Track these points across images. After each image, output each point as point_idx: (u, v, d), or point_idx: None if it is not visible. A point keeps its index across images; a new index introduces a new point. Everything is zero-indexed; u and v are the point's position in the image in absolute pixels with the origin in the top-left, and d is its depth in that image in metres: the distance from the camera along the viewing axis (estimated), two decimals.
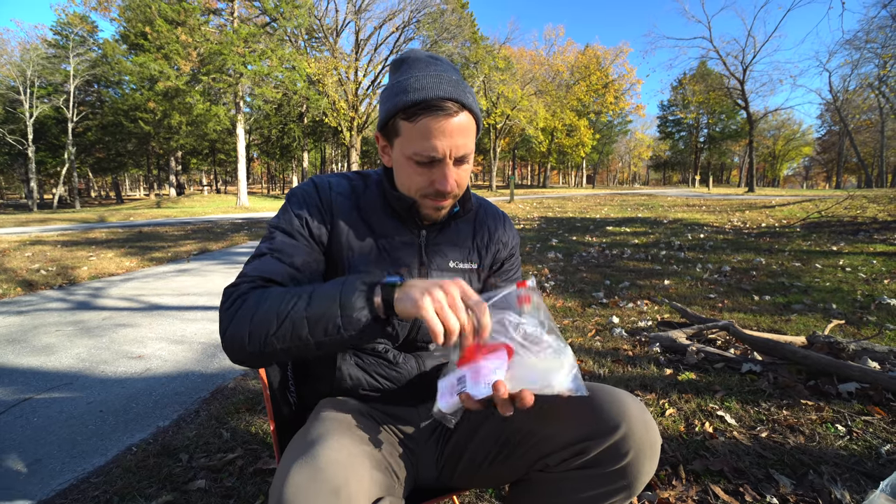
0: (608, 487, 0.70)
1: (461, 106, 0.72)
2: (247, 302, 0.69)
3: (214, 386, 2.13)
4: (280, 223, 0.80)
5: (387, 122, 0.75)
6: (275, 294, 0.68)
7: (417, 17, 24.41)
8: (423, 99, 0.70)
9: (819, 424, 1.58)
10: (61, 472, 1.47)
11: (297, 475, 0.55)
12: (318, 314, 0.63)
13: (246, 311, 0.67)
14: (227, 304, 0.70)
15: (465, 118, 0.73)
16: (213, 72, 18.40)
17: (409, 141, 0.73)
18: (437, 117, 0.70)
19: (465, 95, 0.72)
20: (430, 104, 0.70)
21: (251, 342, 0.66)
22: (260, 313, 0.66)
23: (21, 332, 2.92)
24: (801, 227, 7.36)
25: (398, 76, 0.75)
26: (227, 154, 34.05)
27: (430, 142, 0.71)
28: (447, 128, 0.71)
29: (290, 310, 0.64)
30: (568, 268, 4.73)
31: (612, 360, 2.23)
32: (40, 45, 25.94)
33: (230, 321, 0.69)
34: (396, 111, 0.72)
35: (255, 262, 0.76)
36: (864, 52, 20.90)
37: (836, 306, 3.04)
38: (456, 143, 0.72)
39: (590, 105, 41.76)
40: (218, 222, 11.59)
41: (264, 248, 0.77)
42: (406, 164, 0.75)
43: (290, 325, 0.64)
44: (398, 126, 0.73)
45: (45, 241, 7.43)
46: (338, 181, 0.86)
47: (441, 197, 0.77)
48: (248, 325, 0.66)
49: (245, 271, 0.75)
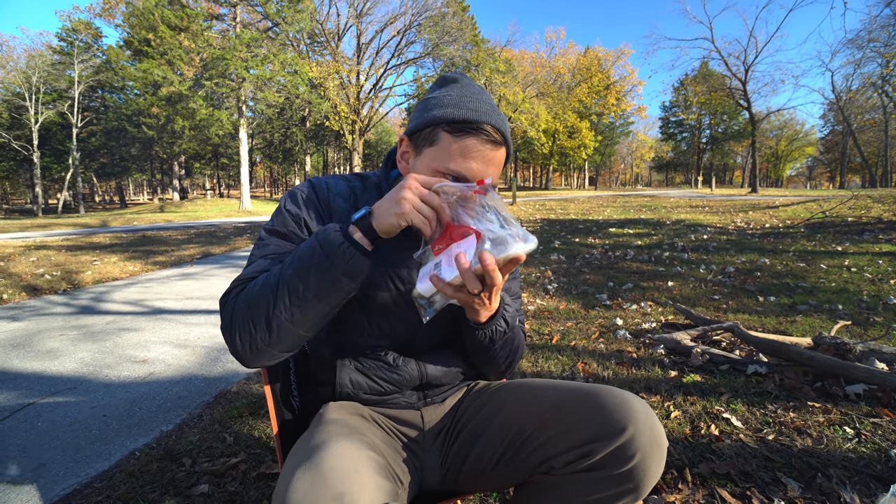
0: (614, 490, 0.69)
1: (504, 140, 0.74)
2: (238, 300, 0.70)
3: (217, 390, 2.13)
4: (274, 226, 0.80)
5: (423, 129, 0.74)
6: (261, 279, 0.70)
7: (419, 20, 24.50)
8: (475, 120, 0.70)
9: (827, 427, 1.56)
10: (65, 476, 1.47)
11: (301, 480, 0.55)
12: (305, 265, 0.65)
13: (241, 304, 0.69)
14: (225, 313, 0.72)
15: (503, 153, 0.75)
16: (216, 77, 18.51)
17: (446, 155, 0.72)
18: (483, 143, 0.71)
19: (508, 131, 0.74)
20: (481, 128, 0.71)
21: (257, 329, 0.67)
22: (253, 297, 0.68)
23: (26, 337, 2.93)
24: (806, 228, 7.32)
25: (448, 91, 0.75)
26: (230, 158, 34.21)
27: (469, 163, 0.71)
28: (488, 156, 0.72)
29: (279, 278, 0.66)
30: (571, 270, 4.71)
31: (617, 363, 2.22)
32: (45, 52, 26.19)
33: (230, 322, 0.70)
34: (441, 121, 0.71)
35: (246, 268, 0.77)
36: (866, 52, 20.85)
37: (842, 307, 3.01)
38: (489, 173, 0.73)
39: (591, 107, 41.77)
40: (221, 226, 11.62)
41: (255, 255, 0.78)
42: (431, 175, 0.74)
43: (285, 290, 0.66)
44: (437, 136, 0.73)
45: (50, 245, 7.47)
46: (335, 182, 0.85)
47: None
48: (248, 313, 0.68)
49: (239, 277, 0.76)
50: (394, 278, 0.82)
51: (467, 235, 0.66)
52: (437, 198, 0.66)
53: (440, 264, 0.67)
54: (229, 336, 0.70)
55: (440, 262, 0.67)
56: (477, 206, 0.67)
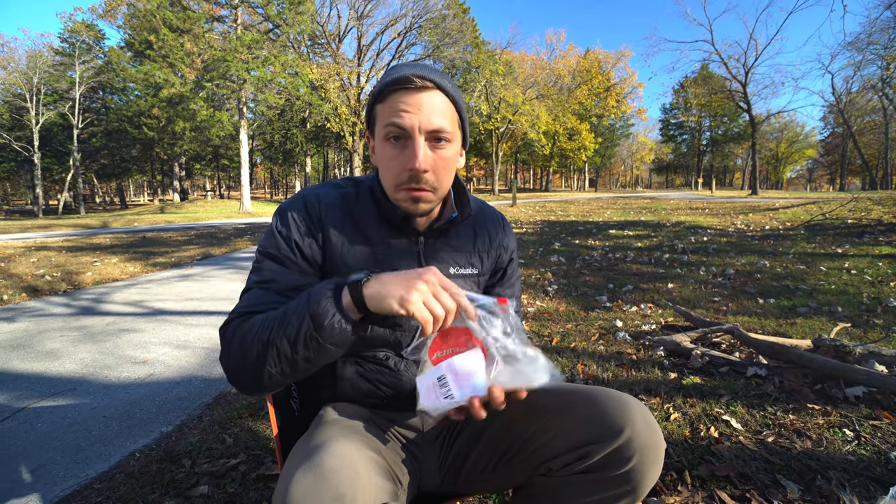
0: (612, 492, 0.69)
1: (434, 84, 0.72)
2: (234, 339, 0.70)
3: (217, 391, 2.13)
4: (268, 248, 0.78)
5: (368, 116, 0.77)
6: (256, 323, 0.68)
7: (419, 22, 24.56)
8: (393, 79, 0.71)
9: (826, 429, 1.56)
10: (65, 477, 1.47)
11: (301, 481, 0.55)
12: (294, 331, 0.63)
13: (236, 351, 0.69)
14: (223, 348, 0.72)
15: (439, 96, 0.73)
16: (217, 78, 18.54)
17: (382, 120, 0.74)
18: (408, 91, 0.71)
19: (439, 77, 0.73)
20: (399, 80, 0.71)
21: (253, 378, 0.68)
22: (246, 348, 0.67)
23: (26, 338, 2.93)
24: (805, 230, 7.32)
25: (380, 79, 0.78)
26: (231, 159, 34.25)
27: (399, 114, 0.71)
28: (417, 101, 0.71)
29: (270, 335, 0.65)
30: (571, 271, 4.72)
31: (616, 364, 2.22)
32: (46, 53, 26.25)
33: (227, 364, 0.71)
34: (373, 99, 0.75)
35: (244, 296, 0.77)
36: (866, 54, 20.87)
37: (842, 309, 3.02)
38: (426, 117, 0.71)
39: (591, 109, 41.82)
40: (221, 227, 11.63)
41: (253, 281, 0.77)
42: (382, 149, 0.75)
43: (275, 350, 0.65)
44: (375, 113, 0.75)
45: (50, 246, 7.48)
46: (326, 192, 0.83)
47: (414, 180, 0.73)
48: (241, 363, 0.68)
49: (235, 309, 0.75)
50: None
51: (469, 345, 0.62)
52: (452, 301, 0.62)
53: (446, 383, 0.63)
54: (226, 370, 0.72)
55: (446, 381, 0.63)
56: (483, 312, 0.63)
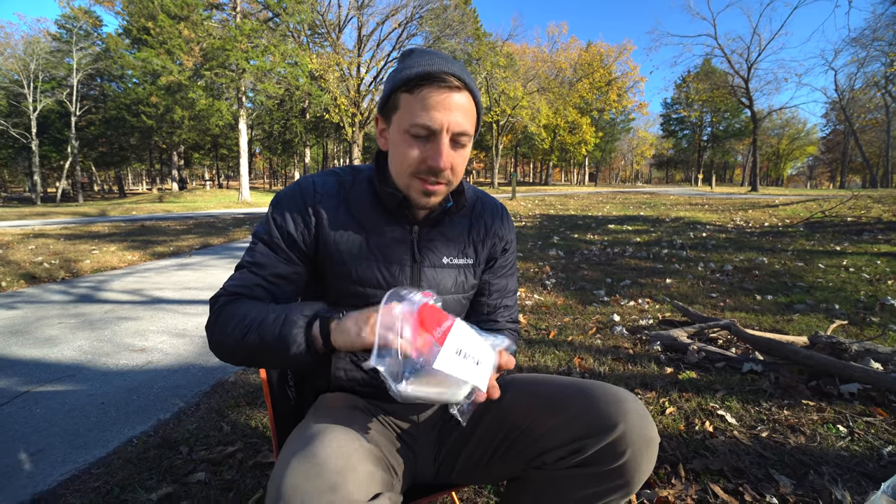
0: (605, 486, 0.70)
1: (464, 84, 0.72)
2: (220, 317, 0.74)
3: (215, 379, 2.13)
4: (262, 233, 0.81)
5: (388, 100, 0.75)
6: (239, 312, 0.72)
7: (420, 13, 24.28)
8: (425, 71, 0.69)
9: (820, 425, 1.57)
10: (63, 462, 1.48)
11: (296, 470, 0.55)
12: (267, 343, 0.67)
13: (220, 330, 0.73)
14: (210, 319, 0.76)
15: (466, 97, 0.73)
16: (216, 67, 18.36)
17: (407, 113, 0.72)
18: (440, 89, 0.70)
19: (468, 76, 0.73)
20: (433, 76, 0.70)
21: (229, 358, 0.74)
22: (227, 338, 0.71)
23: (24, 325, 2.93)
24: (805, 227, 7.33)
25: (403, 62, 0.75)
26: (230, 149, 34.05)
27: (429, 112, 0.70)
28: (448, 101, 0.70)
29: (248, 335, 0.69)
30: (569, 265, 4.72)
31: (613, 359, 2.23)
32: (43, 39, 25.94)
33: (210, 337, 0.75)
34: (398, 86, 0.72)
35: (236, 274, 0.80)
36: (870, 51, 20.75)
37: (839, 306, 3.03)
38: (455, 119, 0.71)
39: (592, 102, 41.58)
40: (219, 217, 11.59)
41: (245, 261, 0.80)
42: (402, 139, 0.74)
43: (251, 354, 0.70)
44: (398, 100, 0.73)
45: (48, 234, 7.45)
46: (323, 180, 0.84)
47: (433, 175, 0.74)
48: (221, 346, 0.73)
49: (225, 285, 0.78)
50: (385, 275, 0.81)
51: (448, 317, 0.61)
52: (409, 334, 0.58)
53: (465, 354, 0.59)
54: (209, 339, 0.76)
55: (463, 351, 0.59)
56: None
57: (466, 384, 0.59)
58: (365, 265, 0.80)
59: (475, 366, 0.60)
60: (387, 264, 0.81)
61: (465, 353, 0.59)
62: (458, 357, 0.58)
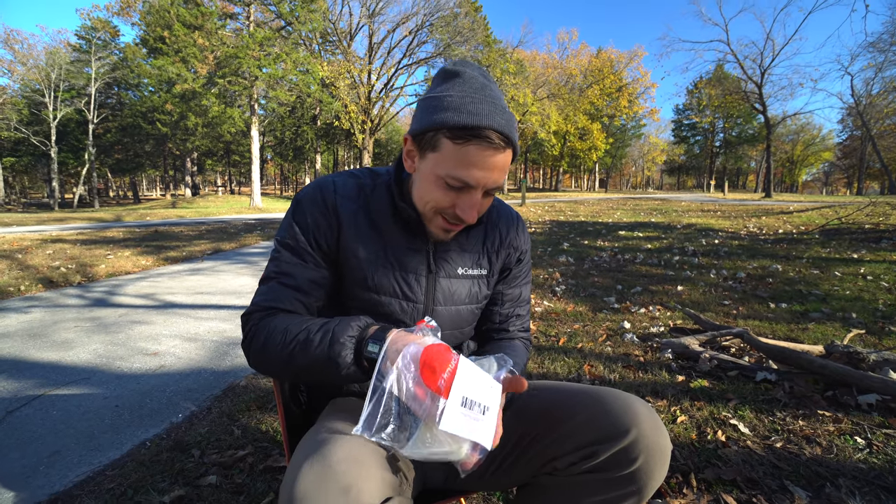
0: (617, 492, 0.69)
1: (508, 142, 0.70)
2: (257, 335, 0.73)
3: (226, 384, 2.16)
4: (286, 238, 0.80)
5: (426, 133, 0.71)
6: (280, 328, 0.71)
7: (431, 20, 24.52)
8: (475, 125, 0.66)
9: (837, 436, 1.54)
10: (78, 464, 1.51)
11: (308, 474, 0.56)
12: (313, 362, 0.67)
13: (259, 349, 0.72)
14: (245, 339, 0.75)
15: (508, 155, 0.71)
16: (229, 75, 18.71)
17: (447, 161, 0.70)
18: (485, 149, 0.68)
19: (513, 131, 0.71)
20: (482, 134, 0.67)
21: (274, 376, 0.77)
22: (272, 358, 0.71)
23: (41, 328, 2.99)
24: (820, 234, 7.19)
25: (449, 88, 0.70)
26: (242, 155, 34.57)
27: (470, 171, 0.69)
28: (491, 162, 0.69)
29: (293, 355, 0.69)
30: (579, 272, 4.69)
31: (623, 366, 2.21)
32: (64, 50, 26.72)
33: (249, 357, 0.75)
34: (442, 126, 0.68)
35: (264, 287, 0.78)
36: (888, 55, 20.38)
37: (857, 315, 2.96)
38: (494, 178, 0.71)
39: (603, 109, 41.48)
40: (231, 223, 11.75)
41: (271, 272, 0.79)
42: (434, 181, 0.73)
43: (294, 366, 0.69)
44: (439, 142, 0.70)
45: (65, 239, 7.62)
46: (343, 182, 0.83)
47: (458, 222, 0.76)
48: (264, 366, 0.74)
49: (255, 300, 0.77)
50: (401, 284, 0.81)
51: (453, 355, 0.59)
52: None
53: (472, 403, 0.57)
54: (247, 357, 0.75)
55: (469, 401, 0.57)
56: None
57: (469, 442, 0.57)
58: (382, 273, 0.80)
59: (481, 416, 0.58)
60: (403, 273, 0.81)
61: (470, 401, 0.57)
62: (463, 410, 0.56)
